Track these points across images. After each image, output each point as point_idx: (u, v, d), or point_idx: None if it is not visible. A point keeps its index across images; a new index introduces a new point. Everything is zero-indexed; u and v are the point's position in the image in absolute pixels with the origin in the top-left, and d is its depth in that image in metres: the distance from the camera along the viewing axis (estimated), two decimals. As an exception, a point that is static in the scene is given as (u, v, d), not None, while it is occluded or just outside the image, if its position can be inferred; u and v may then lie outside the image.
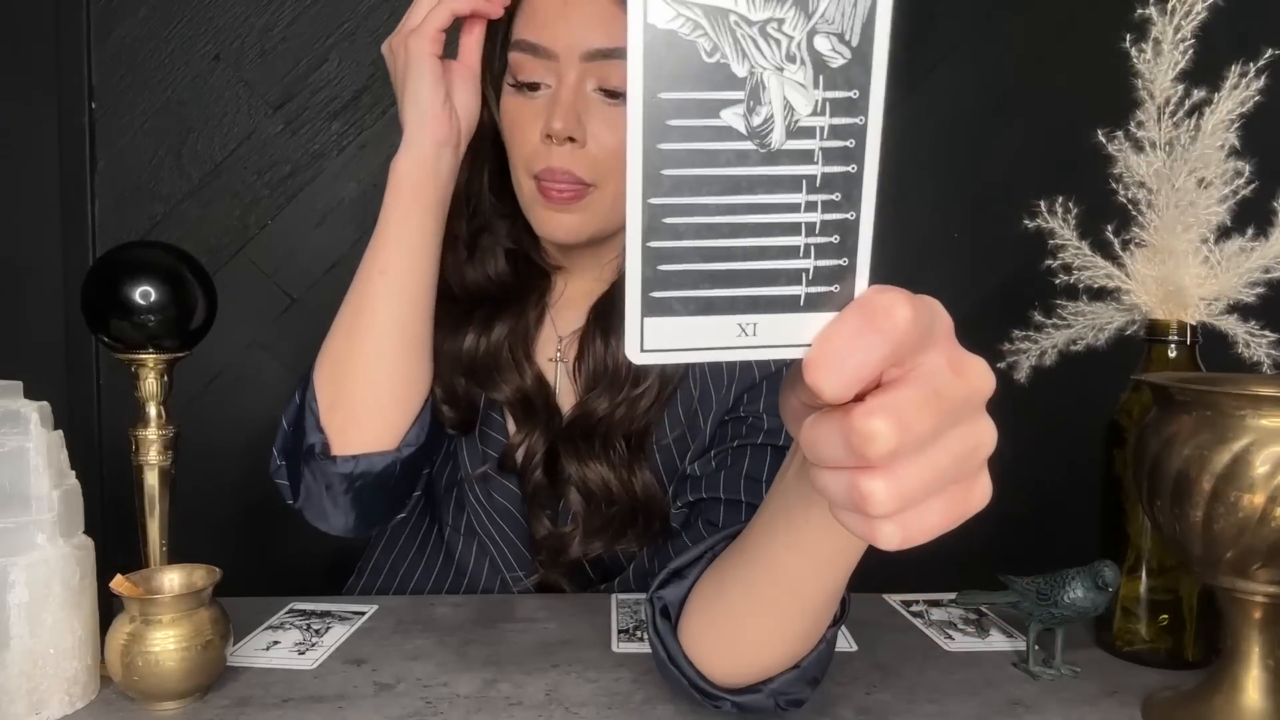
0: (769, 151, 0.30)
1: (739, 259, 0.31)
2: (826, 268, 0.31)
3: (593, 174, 0.79)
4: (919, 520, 0.33)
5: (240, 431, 1.41)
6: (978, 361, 0.33)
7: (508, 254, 0.89)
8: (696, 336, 0.32)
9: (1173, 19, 0.71)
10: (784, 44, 0.29)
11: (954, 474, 0.33)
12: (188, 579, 0.66)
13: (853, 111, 0.30)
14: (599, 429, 0.83)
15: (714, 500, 0.76)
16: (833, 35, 0.29)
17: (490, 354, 0.87)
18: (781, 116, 0.30)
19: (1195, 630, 0.72)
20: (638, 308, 0.31)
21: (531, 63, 0.78)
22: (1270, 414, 0.56)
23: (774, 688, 0.56)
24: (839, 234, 0.31)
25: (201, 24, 1.36)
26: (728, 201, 0.30)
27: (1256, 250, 0.71)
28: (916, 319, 0.31)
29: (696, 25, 0.29)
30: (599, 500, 0.83)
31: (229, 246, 1.39)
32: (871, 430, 0.31)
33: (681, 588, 0.60)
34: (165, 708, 0.63)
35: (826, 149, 0.30)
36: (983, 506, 0.34)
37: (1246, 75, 0.70)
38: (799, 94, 0.30)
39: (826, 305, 0.32)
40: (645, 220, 0.30)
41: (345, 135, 1.39)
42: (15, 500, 0.61)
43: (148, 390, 0.69)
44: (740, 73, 0.29)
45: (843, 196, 0.31)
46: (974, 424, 0.33)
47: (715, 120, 0.30)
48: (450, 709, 0.64)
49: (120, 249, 0.70)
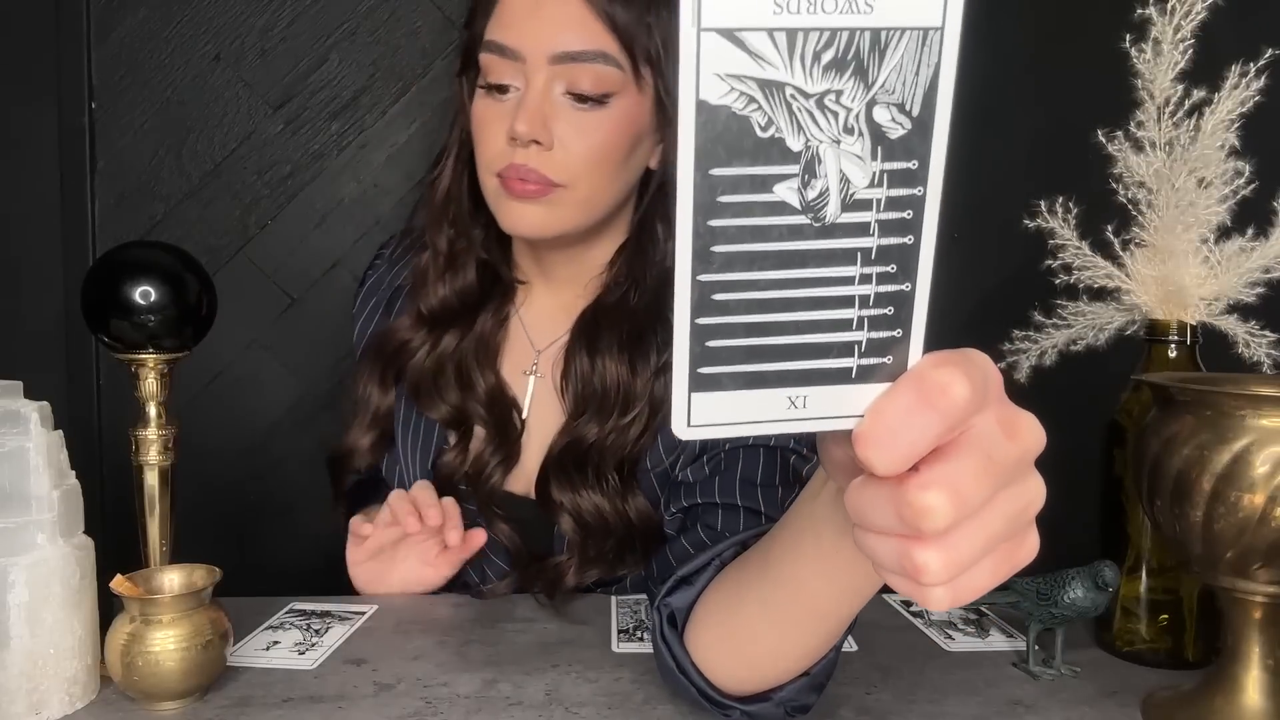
0: (824, 225, 0.29)
1: (790, 333, 0.30)
2: (879, 339, 0.31)
3: (562, 175, 0.78)
4: (969, 582, 0.32)
5: (240, 431, 1.41)
6: (1028, 419, 0.32)
7: (478, 266, 0.89)
8: (745, 411, 0.31)
9: (1173, 19, 0.71)
10: (842, 116, 0.28)
11: (1006, 534, 0.32)
12: (188, 579, 0.66)
13: (911, 183, 0.29)
14: (591, 457, 0.82)
15: (710, 505, 0.76)
16: (893, 105, 0.28)
17: (433, 369, 0.87)
18: (837, 190, 0.29)
19: (1195, 630, 0.72)
20: (685, 384, 0.30)
21: (500, 64, 0.78)
22: (1270, 414, 0.56)
23: (783, 696, 0.56)
24: (893, 305, 0.30)
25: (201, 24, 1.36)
26: (780, 276, 0.29)
27: (1256, 250, 0.71)
28: (973, 395, 0.30)
29: (751, 99, 0.28)
30: (594, 530, 0.82)
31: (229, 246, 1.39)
32: (928, 504, 0.30)
33: (689, 595, 0.60)
34: (165, 708, 0.63)
35: (883, 221, 0.29)
36: (1031, 560, 0.34)
37: (1246, 75, 0.70)
38: (856, 166, 0.29)
39: (878, 376, 0.31)
40: (695, 298, 0.29)
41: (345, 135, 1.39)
42: (15, 500, 0.61)
43: (148, 390, 0.69)
44: (795, 147, 0.28)
45: (898, 268, 0.30)
46: (1025, 483, 0.33)
47: (769, 195, 0.29)
48: (450, 709, 0.64)
49: (120, 249, 0.70)
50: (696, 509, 0.77)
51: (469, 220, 0.88)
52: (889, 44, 0.28)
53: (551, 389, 0.87)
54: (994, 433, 0.31)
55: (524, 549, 0.85)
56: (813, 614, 0.48)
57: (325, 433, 0.95)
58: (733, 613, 0.55)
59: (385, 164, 1.40)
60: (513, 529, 0.85)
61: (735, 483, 0.76)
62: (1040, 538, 0.34)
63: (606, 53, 0.76)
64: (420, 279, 0.89)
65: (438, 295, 0.88)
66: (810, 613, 0.48)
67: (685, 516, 0.78)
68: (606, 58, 0.76)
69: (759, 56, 0.27)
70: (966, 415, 0.30)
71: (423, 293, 0.89)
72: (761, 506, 0.74)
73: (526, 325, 0.91)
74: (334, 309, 0.97)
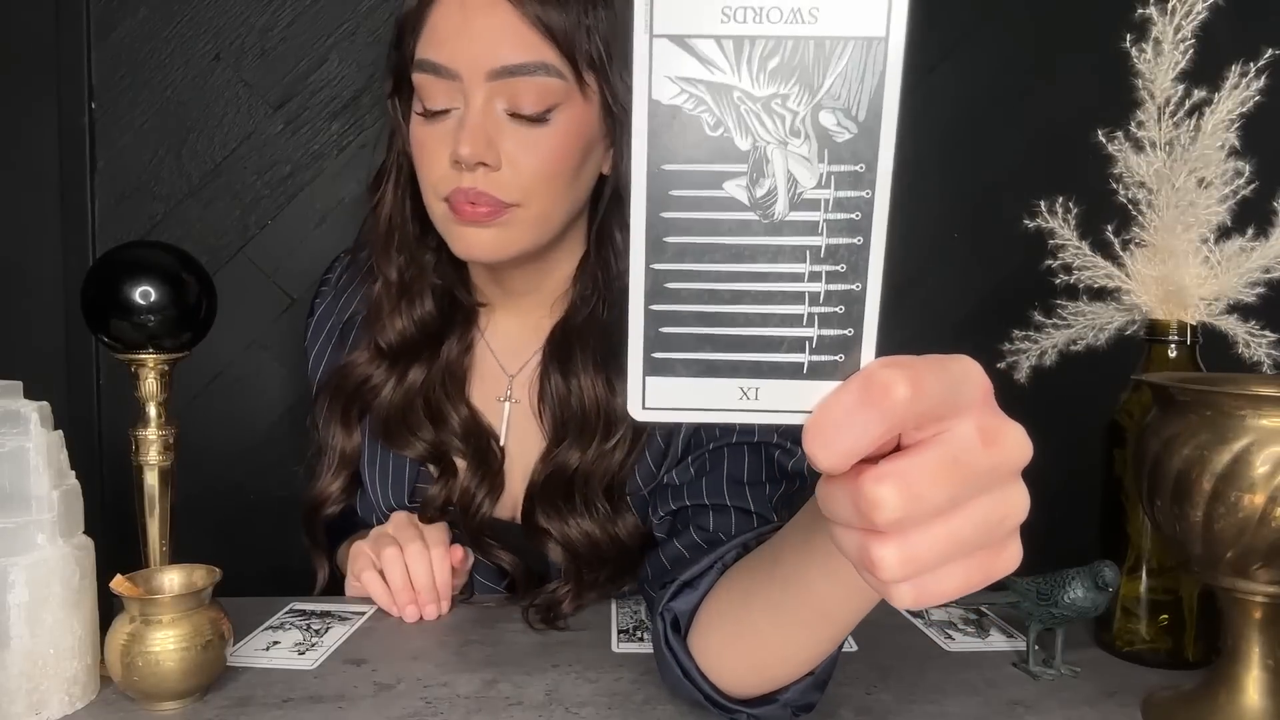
0: (772, 222, 0.30)
1: (742, 325, 0.31)
2: (831, 337, 0.31)
3: (513, 195, 0.74)
4: (936, 583, 0.32)
5: (240, 431, 1.41)
6: (1013, 430, 0.32)
7: (434, 292, 0.85)
8: (698, 397, 0.32)
9: (1173, 19, 0.71)
10: (788, 119, 0.30)
11: (977, 541, 0.32)
12: (188, 579, 0.66)
13: (859, 185, 0.30)
14: (576, 484, 0.80)
15: (700, 507, 0.75)
16: (838, 110, 0.30)
17: (400, 406, 0.84)
18: (785, 189, 0.30)
19: (1195, 630, 0.72)
20: (640, 366, 0.32)
21: (435, 84, 0.73)
22: (1270, 414, 0.56)
23: (788, 697, 0.56)
24: (844, 304, 0.31)
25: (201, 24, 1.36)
26: (730, 269, 0.31)
27: (1256, 250, 0.71)
28: (916, 397, 0.30)
29: (700, 101, 0.29)
30: (586, 557, 0.80)
31: (229, 246, 1.39)
32: (878, 497, 0.31)
33: (692, 599, 0.60)
34: (165, 708, 0.63)
35: (831, 221, 0.30)
36: (1010, 571, 0.34)
37: (1246, 75, 0.70)
38: (803, 167, 0.30)
39: (830, 374, 0.32)
40: (648, 284, 0.31)
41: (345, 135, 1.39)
42: (15, 500, 0.61)
43: (148, 390, 0.69)
44: (743, 146, 0.30)
45: (848, 268, 0.31)
46: (1003, 492, 0.32)
47: (718, 191, 0.30)
48: (450, 709, 0.64)
49: (120, 249, 0.70)
50: (686, 511, 0.76)
51: (417, 245, 0.84)
52: (833, 52, 0.29)
53: (529, 413, 0.84)
54: (968, 438, 0.31)
55: (523, 568, 0.84)
56: (820, 615, 0.48)
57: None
58: (740, 615, 0.54)
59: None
60: (510, 555, 0.83)
61: (723, 482, 0.75)
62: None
63: (546, 63, 0.72)
64: (375, 311, 0.85)
65: (395, 328, 0.84)
66: (818, 614, 0.48)
67: (674, 519, 0.77)
68: (547, 68, 0.72)
69: (708, 61, 0.29)
70: (910, 416, 0.30)
71: (379, 326, 0.84)
72: (751, 505, 0.74)
73: (495, 350, 0.88)
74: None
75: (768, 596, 0.51)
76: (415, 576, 0.79)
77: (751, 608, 0.53)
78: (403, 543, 0.80)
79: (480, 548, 0.84)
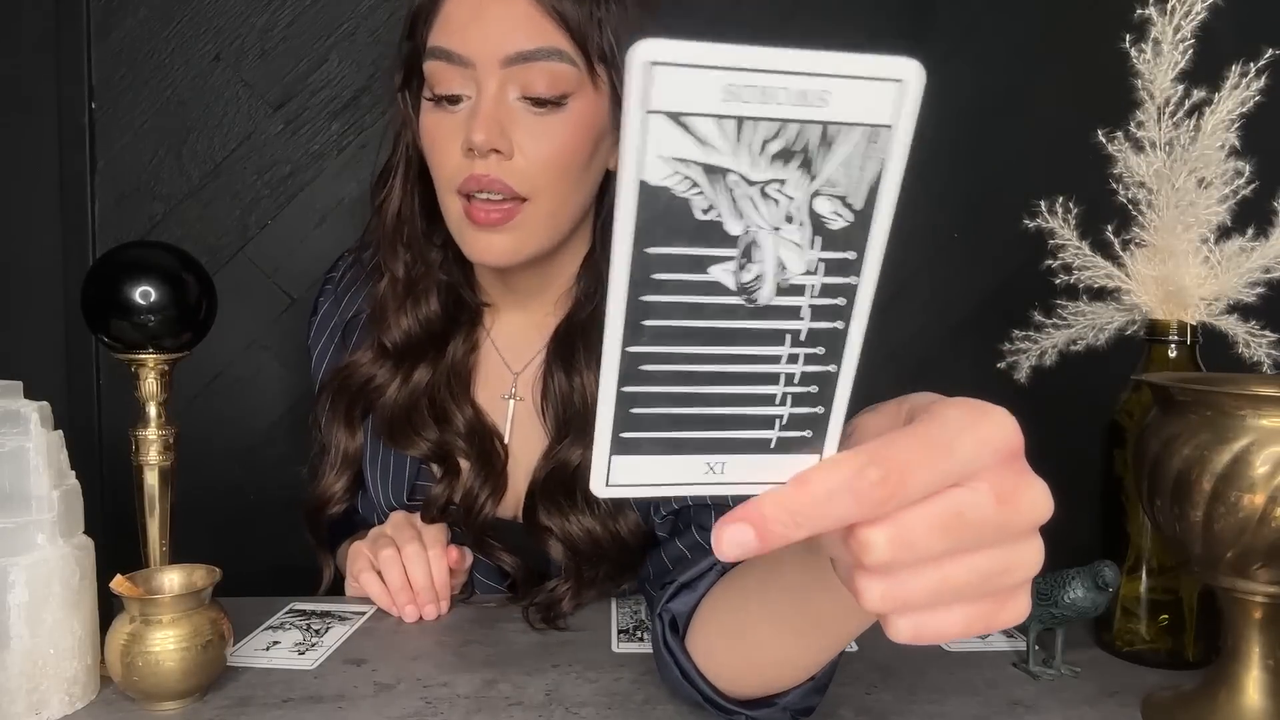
0: (756, 307, 0.29)
1: (713, 404, 0.31)
2: (801, 415, 0.31)
3: (524, 185, 0.74)
4: (934, 624, 0.32)
5: (240, 431, 1.41)
6: (1031, 489, 0.32)
7: (440, 291, 0.85)
8: (663, 473, 0.32)
9: (1173, 19, 0.71)
10: (784, 204, 0.28)
11: (977, 590, 0.32)
12: (188, 579, 0.66)
13: (846, 271, 0.29)
14: (577, 481, 0.79)
15: (702, 506, 0.75)
16: (836, 198, 0.28)
17: (405, 406, 0.83)
18: (773, 274, 0.29)
19: (1195, 630, 0.72)
20: (606, 446, 0.31)
21: (448, 72, 0.74)
22: (1270, 414, 0.56)
23: (788, 700, 0.55)
24: (818, 385, 0.31)
25: (201, 24, 1.36)
26: (708, 351, 0.30)
27: (1256, 250, 0.71)
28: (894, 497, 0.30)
29: (693, 183, 0.28)
30: (586, 554, 0.80)
31: (229, 246, 1.39)
32: (868, 539, 0.30)
33: (690, 600, 0.60)
34: (165, 708, 0.63)
35: (816, 306, 0.30)
36: (1015, 624, 0.33)
37: (1246, 75, 0.70)
38: (793, 253, 0.29)
39: (798, 449, 0.32)
40: (622, 367, 0.30)
41: (345, 135, 1.39)
42: (15, 500, 0.61)
43: (148, 390, 0.69)
44: (734, 231, 0.28)
45: (826, 351, 0.30)
46: (1014, 548, 0.32)
47: (703, 276, 0.29)
48: (450, 709, 0.64)
49: (120, 249, 0.70)
50: (688, 510, 0.76)
51: (425, 241, 0.84)
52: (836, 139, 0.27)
53: (532, 411, 0.84)
54: (979, 496, 0.31)
55: (525, 569, 0.84)
56: (816, 626, 0.47)
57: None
58: (737, 620, 0.54)
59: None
60: (512, 557, 0.83)
61: None
62: (1041, 539, 0.34)
63: (560, 50, 0.72)
64: (380, 309, 0.85)
65: (400, 326, 0.84)
66: (814, 625, 0.47)
67: (676, 519, 0.77)
68: (560, 55, 0.72)
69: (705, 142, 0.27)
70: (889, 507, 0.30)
71: (383, 325, 0.84)
72: None
73: (500, 348, 0.88)
74: (334, 309, 0.98)
75: (765, 603, 0.51)
76: (413, 577, 0.79)
77: (749, 613, 0.53)
78: (400, 543, 0.80)
79: (482, 548, 0.83)
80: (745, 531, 0.31)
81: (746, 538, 0.31)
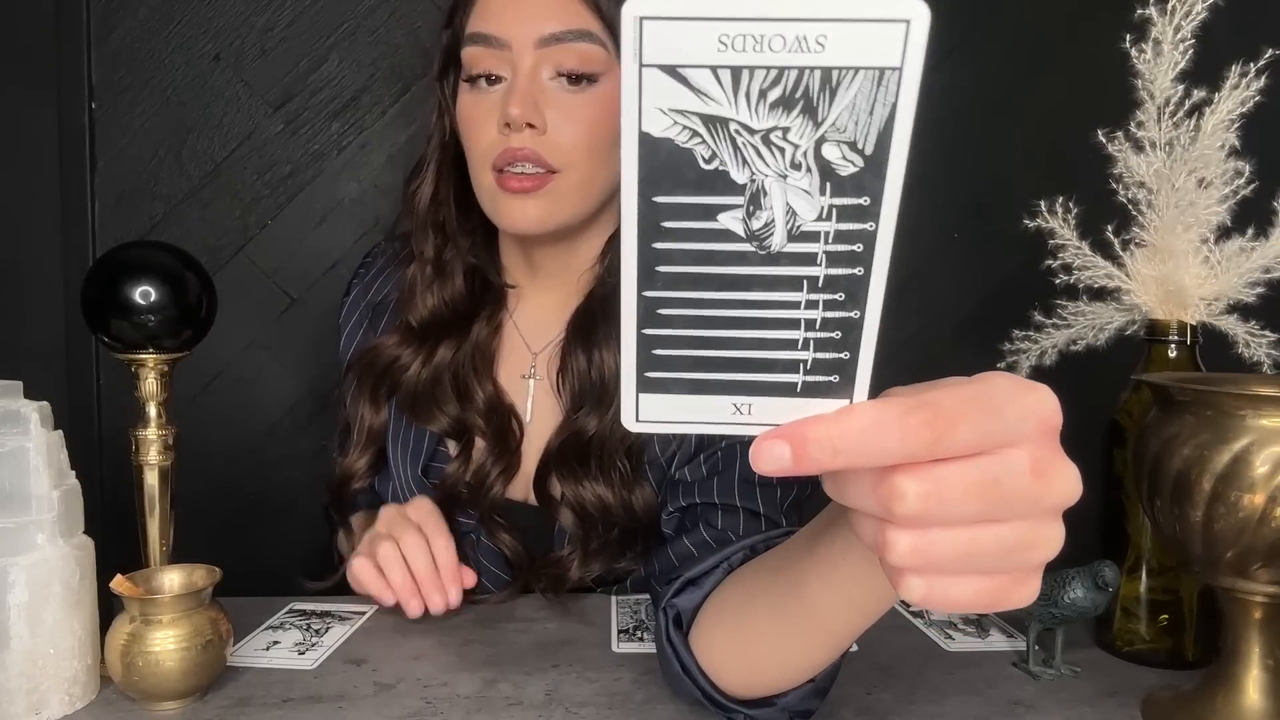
0: (769, 254, 0.30)
1: (735, 348, 0.31)
2: (826, 360, 0.31)
3: (557, 159, 0.77)
4: (947, 588, 0.32)
5: (240, 431, 1.41)
6: (1067, 469, 0.32)
7: (466, 273, 0.88)
8: (691, 412, 0.32)
9: (1173, 19, 0.71)
10: (789, 152, 0.28)
11: (999, 563, 0.32)
12: (188, 579, 0.66)
13: (862, 218, 0.29)
14: (593, 448, 0.81)
15: (710, 505, 0.75)
16: (844, 143, 0.28)
17: (429, 382, 0.86)
18: (783, 221, 0.29)
19: (1195, 630, 0.72)
20: (633, 385, 0.32)
21: (485, 54, 0.78)
22: (1270, 414, 0.56)
23: (787, 702, 0.55)
24: (840, 330, 0.31)
25: (201, 24, 1.36)
26: (724, 297, 0.30)
27: (1256, 250, 0.71)
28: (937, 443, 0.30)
29: (694, 133, 0.28)
30: (595, 521, 0.81)
31: (229, 246, 1.39)
32: (902, 488, 0.30)
33: (695, 597, 0.60)
34: (165, 708, 0.63)
35: (831, 252, 0.30)
36: (1024, 605, 0.34)
37: (1246, 75, 0.70)
38: (803, 200, 0.29)
39: (825, 393, 0.32)
40: (640, 311, 0.31)
41: (345, 135, 1.39)
42: (15, 500, 0.61)
43: (148, 390, 0.69)
44: (740, 179, 0.28)
45: (847, 296, 0.30)
46: (1038, 524, 0.32)
47: (712, 223, 0.29)
48: (450, 709, 0.64)
49: (120, 249, 0.70)
50: (696, 508, 0.77)
51: (456, 225, 0.87)
52: (841, 83, 0.27)
53: (549, 389, 0.86)
54: (1017, 464, 0.31)
55: (526, 557, 0.84)
56: (819, 627, 0.47)
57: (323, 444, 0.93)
58: (740, 619, 0.54)
59: (385, 164, 1.40)
60: (514, 538, 0.84)
61: (734, 483, 0.76)
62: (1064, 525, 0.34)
63: (590, 31, 0.76)
64: (408, 291, 0.88)
65: (427, 305, 0.87)
66: (817, 626, 0.47)
67: (684, 516, 0.78)
68: (591, 36, 0.76)
69: (702, 93, 0.27)
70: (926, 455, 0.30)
71: (410, 304, 0.87)
72: (760, 508, 0.74)
73: (521, 329, 0.90)
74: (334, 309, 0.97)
75: (769, 603, 0.51)
76: (415, 569, 0.78)
77: (753, 612, 0.53)
78: (398, 537, 0.79)
79: (487, 528, 0.84)
80: (783, 449, 0.31)
81: (783, 454, 0.31)
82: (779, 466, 0.31)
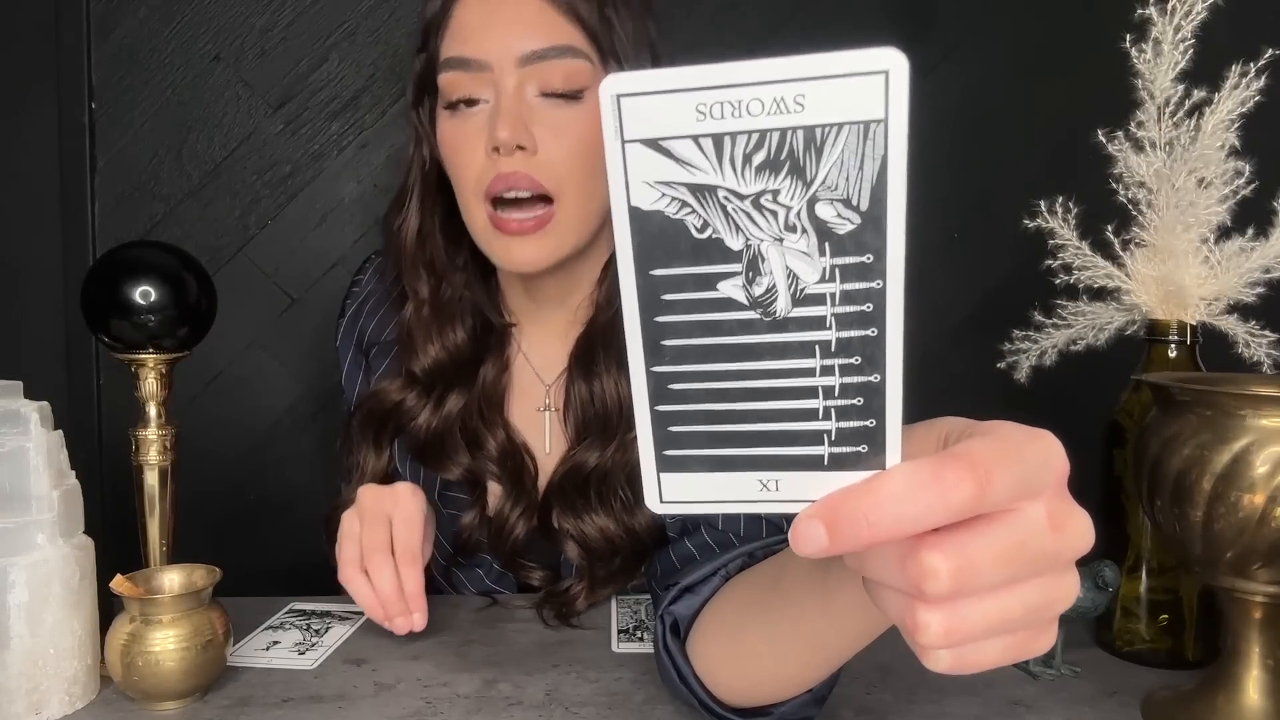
0: (775, 320, 0.29)
1: (754, 421, 0.30)
2: (851, 429, 0.30)
3: (551, 181, 0.73)
4: (975, 655, 0.31)
5: (240, 431, 1.41)
6: (1080, 517, 0.31)
7: (466, 315, 0.84)
8: (717, 490, 0.31)
9: (1173, 19, 0.71)
10: (781, 214, 0.28)
11: (1024, 621, 0.31)
12: (188, 579, 0.66)
13: (867, 276, 0.28)
14: (592, 481, 0.79)
15: None
16: (837, 201, 0.27)
17: (439, 433, 0.82)
18: (785, 286, 0.28)
19: (1195, 630, 0.72)
20: (653, 464, 0.31)
21: (464, 79, 0.74)
22: (1270, 414, 0.56)
23: (784, 711, 0.55)
24: (863, 396, 0.29)
25: (201, 24, 1.36)
26: (735, 368, 0.30)
27: (1256, 250, 0.71)
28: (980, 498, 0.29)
29: (683, 204, 0.28)
30: (600, 552, 0.79)
31: (229, 246, 1.39)
32: (934, 566, 0.29)
33: (692, 603, 0.60)
34: (165, 708, 0.63)
35: (840, 314, 0.29)
36: (1042, 654, 0.33)
37: (1246, 75, 0.70)
38: (803, 262, 0.28)
39: (854, 465, 0.30)
40: (651, 387, 0.30)
41: (345, 135, 1.39)
42: (15, 500, 0.61)
43: (148, 390, 0.69)
44: (735, 246, 0.28)
45: (864, 360, 0.29)
46: (1058, 578, 0.32)
47: (712, 293, 0.29)
48: (450, 709, 0.64)
49: (120, 249, 0.70)
50: None
51: (447, 259, 0.83)
52: (826, 140, 0.27)
53: (559, 421, 0.85)
54: (1037, 522, 0.30)
55: (551, 584, 0.83)
56: (813, 648, 0.47)
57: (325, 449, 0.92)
58: (736, 632, 0.54)
59: (385, 164, 1.40)
60: (546, 573, 0.83)
61: None
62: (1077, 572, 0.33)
63: (573, 46, 0.73)
64: (407, 336, 0.84)
65: (429, 354, 0.82)
66: (811, 646, 0.47)
67: (686, 518, 0.78)
68: (575, 51, 0.73)
69: (687, 163, 0.27)
70: (969, 512, 0.29)
71: (411, 353, 0.83)
72: None
73: (532, 361, 0.87)
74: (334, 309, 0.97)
75: (764, 619, 0.51)
76: (380, 593, 0.71)
77: (747, 627, 0.53)
78: (367, 551, 0.72)
79: (514, 569, 0.83)
80: (818, 529, 0.30)
81: (819, 534, 0.30)
82: (818, 548, 0.30)
